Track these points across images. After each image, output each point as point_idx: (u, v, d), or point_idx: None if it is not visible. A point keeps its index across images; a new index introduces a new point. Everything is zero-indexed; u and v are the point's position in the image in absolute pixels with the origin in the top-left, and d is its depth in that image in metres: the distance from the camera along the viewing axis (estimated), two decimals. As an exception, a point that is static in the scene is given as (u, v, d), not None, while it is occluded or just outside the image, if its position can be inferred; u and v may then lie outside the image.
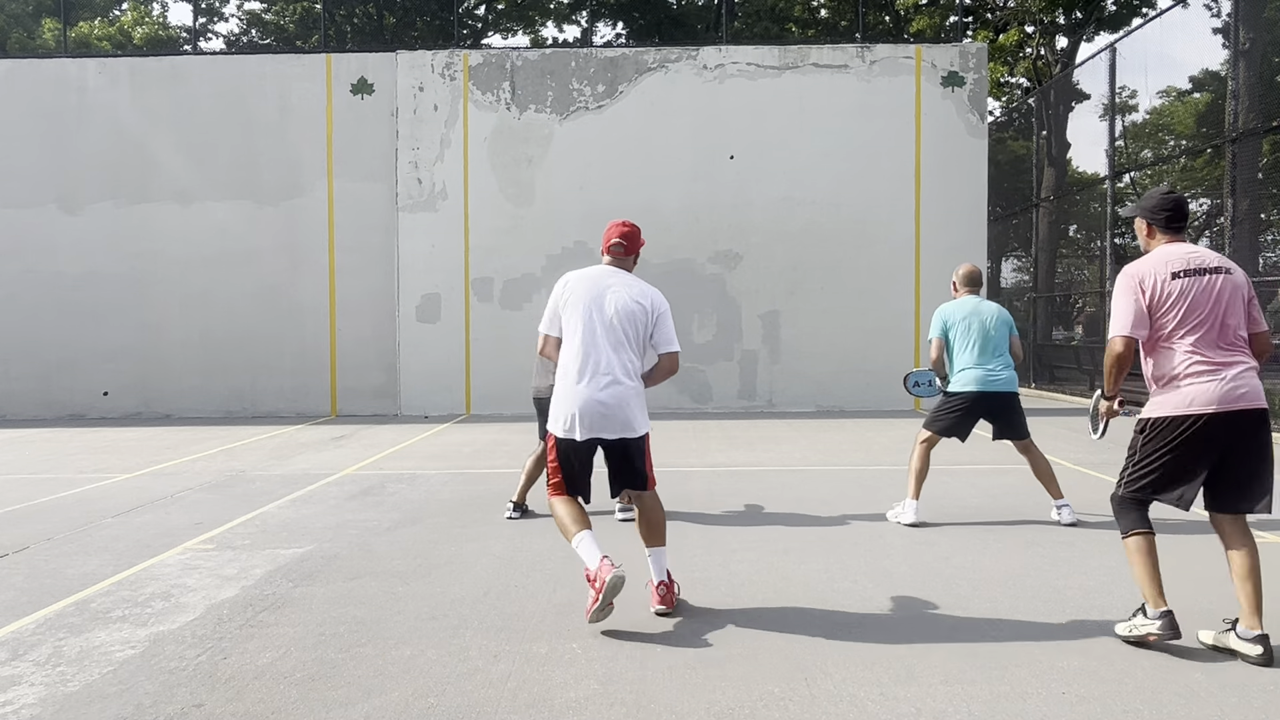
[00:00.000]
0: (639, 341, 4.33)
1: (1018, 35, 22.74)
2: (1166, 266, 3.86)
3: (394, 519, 6.53)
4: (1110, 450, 9.71)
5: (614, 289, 4.35)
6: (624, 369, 4.26)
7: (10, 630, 4.22)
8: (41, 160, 14.53)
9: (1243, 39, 11.82)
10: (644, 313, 4.34)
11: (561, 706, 3.33)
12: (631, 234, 4.53)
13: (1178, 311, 3.81)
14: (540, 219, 14.42)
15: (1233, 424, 3.76)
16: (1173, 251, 3.90)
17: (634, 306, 4.32)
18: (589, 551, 4.11)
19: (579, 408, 4.22)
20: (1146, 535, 3.93)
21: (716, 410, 14.30)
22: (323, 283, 14.54)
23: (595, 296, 4.32)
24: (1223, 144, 12.25)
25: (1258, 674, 3.58)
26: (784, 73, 14.42)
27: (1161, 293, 3.83)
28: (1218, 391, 3.74)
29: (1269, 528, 6.03)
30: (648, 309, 4.35)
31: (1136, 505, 3.98)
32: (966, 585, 4.77)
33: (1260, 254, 15.31)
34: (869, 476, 8.18)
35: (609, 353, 4.25)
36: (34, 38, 27.11)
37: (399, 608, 4.48)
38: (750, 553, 5.48)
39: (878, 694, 3.42)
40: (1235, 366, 3.78)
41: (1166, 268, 3.86)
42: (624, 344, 4.28)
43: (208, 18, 30.09)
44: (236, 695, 3.46)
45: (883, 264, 14.27)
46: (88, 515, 6.77)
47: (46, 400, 14.47)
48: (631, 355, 4.30)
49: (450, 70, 14.50)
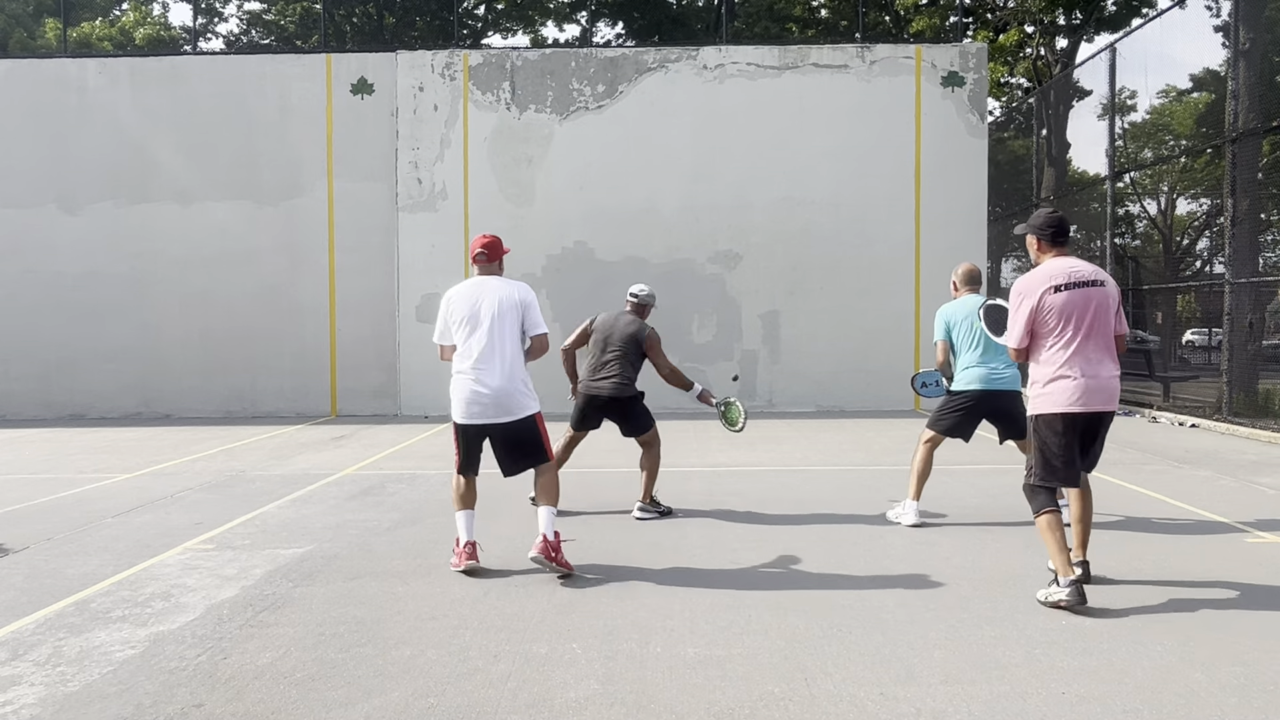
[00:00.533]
0: (516, 331, 5.06)
1: (1018, 35, 22.73)
2: (1050, 280, 4.47)
3: (394, 519, 6.53)
4: (1110, 451, 9.72)
5: (487, 292, 5.08)
6: (504, 361, 4.99)
7: (10, 630, 4.22)
8: (41, 160, 14.52)
9: (1243, 39, 11.81)
10: (516, 305, 5.06)
11: (561, 706, 3.33)
12: (492, 244, 5.24)
13: (1059, 320, 4.44)
14: (540, 219, 14.42)
15: (1096, 419, 4.50)
16: (1057, 266, 4.52)
17: (507, 302, 5.04)
18: (464, 528, 5.09)
19: (472, 401, 4.98)
20: (1055, 513, 4.48)
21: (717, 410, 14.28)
22: (323, 283, 14.54)
23: (474, 302, 5.05)
24: (1223, 144, 12.25)
25: (1258, 674, 3.58)
26: (784, 73, 14.42)
27: (1046, 304, 4.44)
28: (1089, 391, 4.41)
29: (1268, 528, 6.03)
30: (518, 301, 5.07)
31: (1044, 489, 4.58)
32: (966, 585, 4.77)
33: (1260, 254, 15.32)
34: (869, 476, 8.18)
35: (492, 348, 4.98)
36: (35, 38, 27.10)
37: (399, 608, 4.48)
38: (750, 553, 5.48)
39: (878, 694, 3.42)
40: (1105, 370, 4.45)
41: (1050, 281, 4.47)
42: (504, 337, 5.01)
43: (208, 18, 30.09)
44: (236, 695, 3.46)
45: (883, 264, 14.26)
46: (88, 515, 6.77)
47: (46, 400, 14.47)
48: (513, 346, 5.03)
49: (450, 70, 14.50)
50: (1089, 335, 4.43)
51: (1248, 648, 3.85)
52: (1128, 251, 28.11)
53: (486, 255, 5.21)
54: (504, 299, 5.05)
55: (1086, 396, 4.40)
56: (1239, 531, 5.96)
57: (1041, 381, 4.51)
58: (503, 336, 5.00)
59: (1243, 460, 8.97)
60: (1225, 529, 6.03)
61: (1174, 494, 7.21)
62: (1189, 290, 27.20)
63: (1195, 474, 8.21)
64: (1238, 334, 11.69)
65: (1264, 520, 6.27)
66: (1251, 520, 6.26)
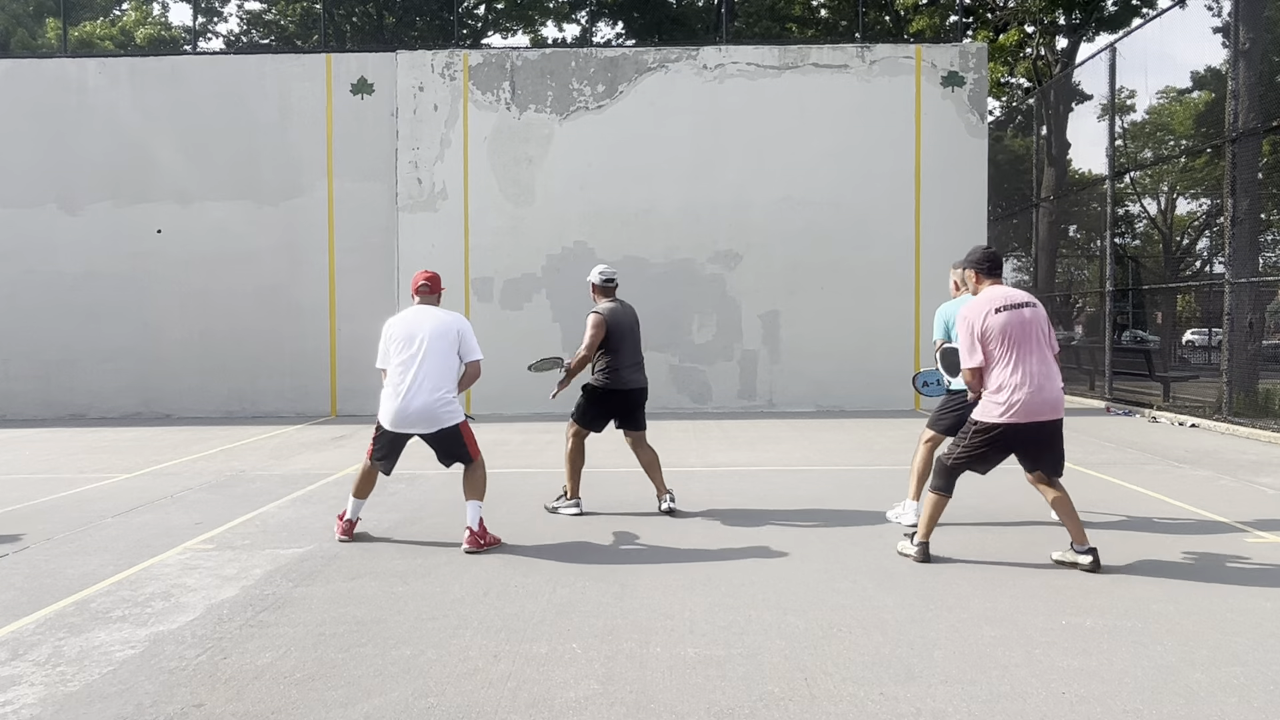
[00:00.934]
0: (449, 355, 5.70)
1: (1018, 35, 22.72)
2: (990, 304, 5.06)
3: (394, 519, 6.53)
4: (1110, 450, 9.72)
5: (425, 318, 5.76)
6: (434, 382, 5.64)
7: (10, 630, 4.23)
8: (41, 160, 14.52)
9: (1243, 39, 11.81)
10: (452, 333, 5.72)
11: (561, 706, 3.33)
12: (433, 278, 6.01)
13: (1002, 338, 5.00)
14: (540, 219, 14.42)
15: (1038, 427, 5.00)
16: (995, 293, 5.14)
17: (441, 328, 5.70)
18: (353, 509, 5.93)
19: (400, 412, 5.66)
20: (946, 497, 5.26)
21: (716, 410, 14.29)
22: (323, 283, 14.54)
23: (411, 327, 5.72)
24: (1223, 144, 12.25)
25: (1258, 674, 3.58)
26: (784, 73, 14.42)
27: (989, 324, 5.02)
28: (1032, 405, 4.94)
29: (1268, 528, 6.03)
30: (454, 330, 5.74)
31: (954, 473, 5.24)
32: (966, 585, 4.78)
33: (1260, 254, 15.31)
34: (869, 476, 8.18)
35: (421, 369, 5.62)
36: (36, 38, 27.10)
37: (399, 608, 4.48)
38: (750, 553, 5.48)
39: (878, 694, 3.42)
40: (1049, 383, 4.99)
41: (990, 304, 5.06)
42: (434, 359, 5.64)
43: (208, 18, 30.08)
44: (236, 695, 3.46)
45: (883, 264, 14.26)
46: (87, 515, 6.77)
47: (46, 400, 14.47)
48: (441, 367, 5.66)
49: (450, 70, 14.50)
50: (1029, 351, 5.01)
51: (1248, 648, 3.86)
52: (1128, 251, 28.12)
53: (429, 288, 5.95)
54: (439, 325, 5.72)
55: (1031, 409, 4.94)
56: (1239, 531, 5.96)
57: (991, 391, 5.05)
58: (433, 358, 5.64)
59: (1243, 460, 8.97)
60: (1225, 529, 6.03)
61: (1174, 494, 7.21)
62: (1189, 290, 27.17)
63: (1195, 474, 8.21)
64: (1238, 334, 11.69)
65: (1264, 520, 6.27)
66: (1251, 520, 6.26)
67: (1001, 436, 5.02)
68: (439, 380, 5.66)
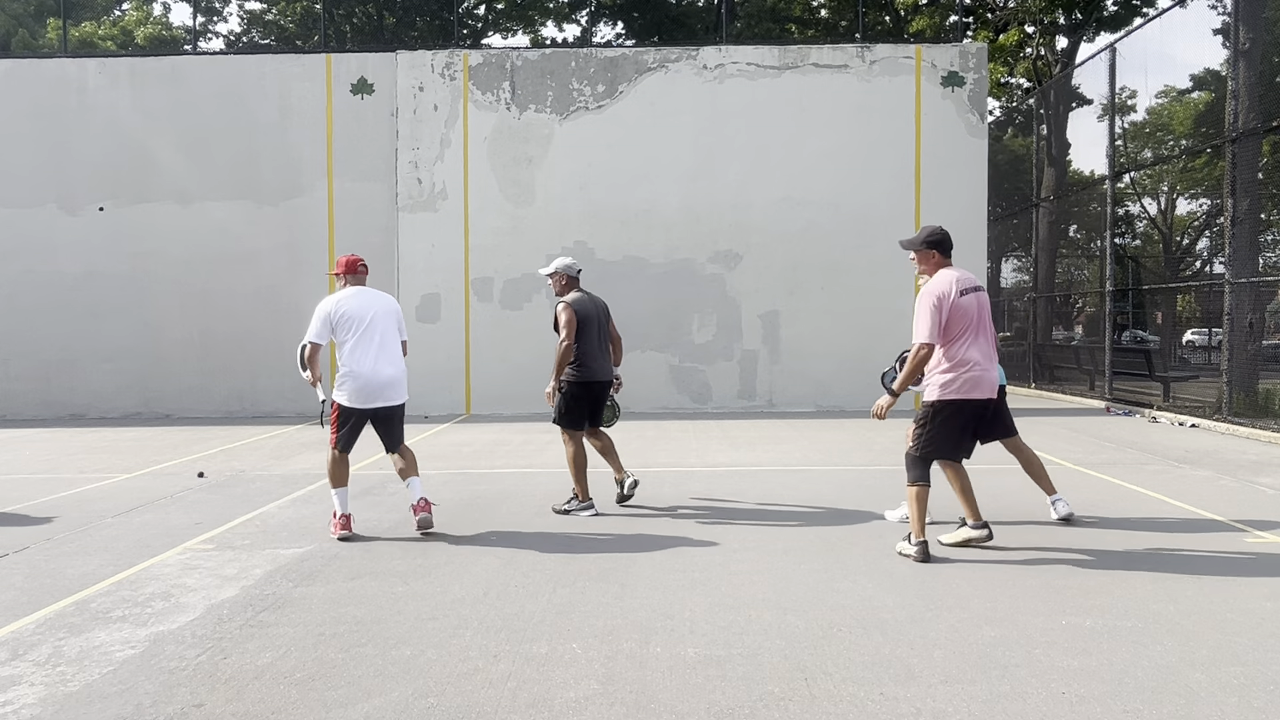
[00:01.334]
0: (398, 333, 6.10)
1: (1018, 35, 22.71)
2: (955, 285, 5.19)
3: (394, 519, 6.53)
4: (1110, 450, 9.72)
5: (372, 299, 6.07)
6: (392, 354, 6.01)
7: (10, 630, 4.23)
8: (41, 160, 14.52)
9: (1243, 39, 11.81)
10: (397, 313, 6.15)
11: (561, 706, 3.33)
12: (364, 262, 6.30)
13: (963, 320, 5.16)
14: (540, 219, 14.41)
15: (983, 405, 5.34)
16: (955, 273, 5.28)
17: (388, 308, 6.09)
18: (341, 502, 5.93)
19: (370, 382, 5.87)
20: (926, 487, 5.29)
21: (716, 410, 14.29)
22: (323, 283, 14.51)
23: (364, 307, 5.97)
24: (1223, 144, 12.25)
25: (1258, 674, 3.58)
26: (784, 73, 14.41)
27: (955, 305, 5.16)
28: (981, 383, 5.21)
29: (1268, 528, 6.03)
30: (396, 310, 6.16)
31: (925, 462, 5.33)
32: (966, 585, 4.77)
33: (1260, 254, 15.31)
34: (869, 476, 8.18)
35: (384, 343, 5.95)
36: (37, 38, 27.10)
37: (399, 608, 4.48)
38: (750, 553, 5.48)
39: (878, 694, 3.42)
40: (992, 364, 5.28)
41: (956, 286, 5.19)
42: (390, 334, 6.02)
43: (208, 18, 30.09)
44: (236, 695, 3.46)
45: (883, 264, 14.24)
46: (87, 515, 6.77)
47: (46, 400, 14.47)
48: (396, 344, 6.06)
49: (450, 70, 14.50)
50: (982, 333, 5.26)
51: (1248, 648, 3.85)
52: (1128, 251, 28.11)
53: (366, 269, 6.29)
54: (386, 305, 6.11)
55: (979, 386, 5.22)
56: (1239, 531, 5.96)
57: (940, 370, 5.24)
58: (390, 334, 6.03)
59: (1243, 460, 8.97)
60: (1225, 529, 6.03)
61: (1174, 494, 7.21)
62: (1189, 290, 27.16)
63: (1195, 474, 8.21)
64: (1238, 334, 11.69)
65: (1264, 520, 6.27)
66: (1251, 520, 6.26)
67: (957, 413, 5.26)
68: (395, 354, 6.05)
